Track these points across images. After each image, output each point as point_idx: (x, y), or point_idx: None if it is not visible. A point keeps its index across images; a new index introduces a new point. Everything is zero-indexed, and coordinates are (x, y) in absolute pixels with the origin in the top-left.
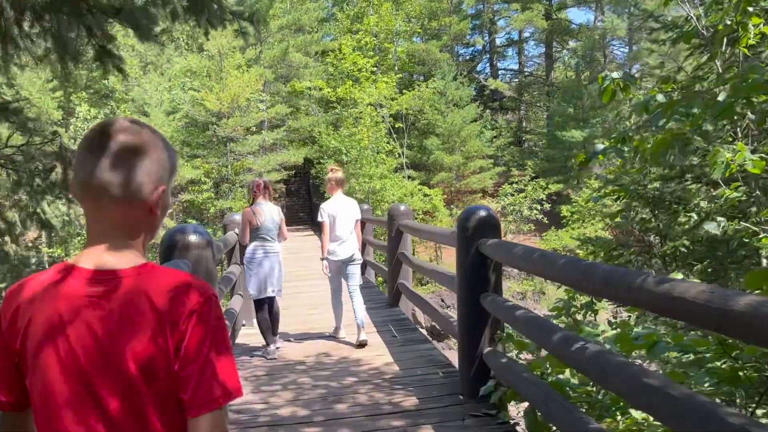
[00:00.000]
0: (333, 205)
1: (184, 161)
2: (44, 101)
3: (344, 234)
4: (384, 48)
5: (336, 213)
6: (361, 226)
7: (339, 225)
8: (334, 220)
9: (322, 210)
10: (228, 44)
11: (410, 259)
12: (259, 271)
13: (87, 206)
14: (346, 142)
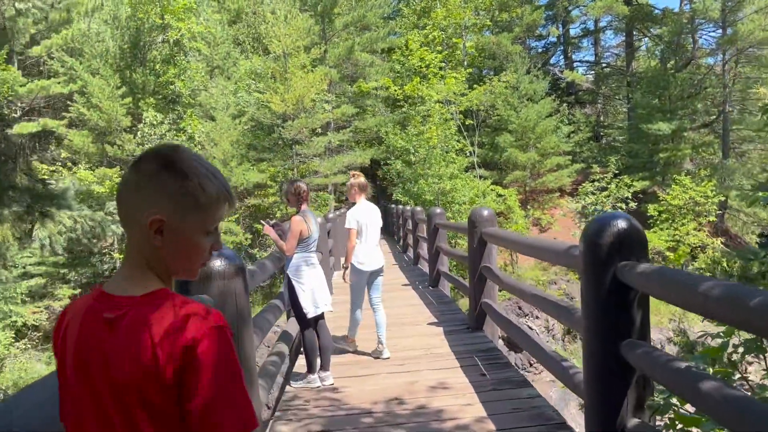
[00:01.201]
0: (362, 212)
1: (250, 165)
2: (113, 108)
3: (373, 243)
4: (452, 43)
5: (365, 220)
6: (434, 231)
7: (369, 233)
8: (364, 228)
9: (351, 217)
10: (292, 44)
11: (499, 276)
12: (309, 285)
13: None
14: (413, 141)
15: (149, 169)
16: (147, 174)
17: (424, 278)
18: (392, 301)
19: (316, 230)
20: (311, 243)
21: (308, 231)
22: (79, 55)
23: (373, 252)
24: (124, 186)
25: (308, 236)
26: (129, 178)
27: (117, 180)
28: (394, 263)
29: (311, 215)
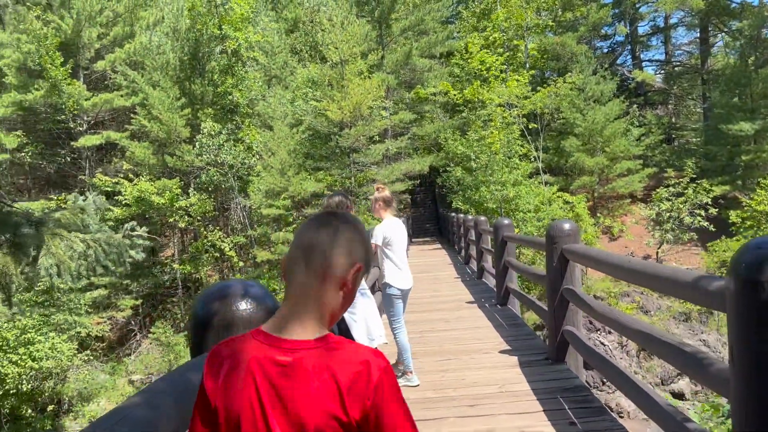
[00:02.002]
0: (390, 228)
1: (307, 174)
2: (173, 119)
3: (404, 260)
4: (513, 45)
5: (394, 237)
6: (502, 244)
7: (399, 250)
8: (393, 245)
9: (379, 231)
10: (349, 50)
11: (587, 302)
12: (362, 315)
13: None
14: (474, 147)
15: (347, 219)
16: (346, 224)
17: (491, 295)
18: (457, 321)
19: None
20: None
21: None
22: (140, 68)
23: (407, 269)
24: (325, 239)
25: None
26: (326, 232)
27: (176, 191)
28: (456, 276)
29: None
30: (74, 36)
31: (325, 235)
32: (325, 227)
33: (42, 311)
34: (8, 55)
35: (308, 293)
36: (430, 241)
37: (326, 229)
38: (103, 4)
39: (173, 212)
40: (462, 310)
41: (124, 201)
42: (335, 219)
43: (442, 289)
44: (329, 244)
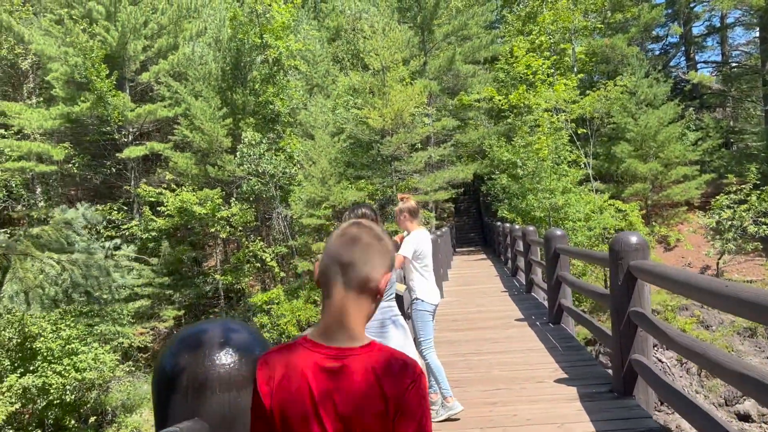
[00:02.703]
0: (421, 240)
1: (348, 183)
2: (214, 129)
3: (432, 273)
4: (560, 49)
5: (425, 249)
6: (554, 257)
7: (429, 263)
8: (424, 257)
9: (411, 243)
10: (390, 57)
11: (662, 329)
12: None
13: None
14: (521, 154)
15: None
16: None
17: (542, 311)
18: (506, 342)
19: (394, 275)
20: (389, 288)
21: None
22: (183, 78)
23: (435, 283)
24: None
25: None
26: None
27: (218, 201)
28: (503, 290)
29: None
30: (119, 48)
31: (360, 252)
32: (358, 244)
33: (86, 321)
34: (56, 68)
35: (348, 305)
36: (475, 251)
37: (360, 246)
38: (148, 17)
39: (215, 222)
40: (511, 329)
41: (166, 211)
42: (365, 233)
43: (489, 303)
44: (365, 261)
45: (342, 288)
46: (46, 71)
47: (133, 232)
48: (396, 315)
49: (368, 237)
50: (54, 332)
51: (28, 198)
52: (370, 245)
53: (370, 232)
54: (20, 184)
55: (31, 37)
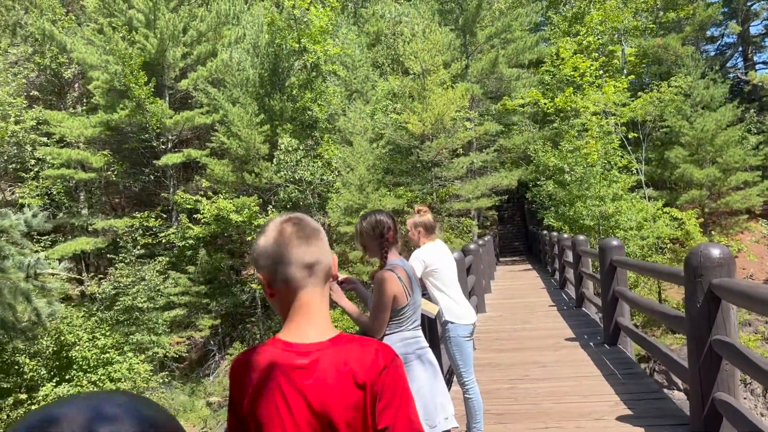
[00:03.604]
0: (430, 252)
1: (387, 190)
2: (252, 135)
3: (458, 289)
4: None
5: (438, 262)
6: (610, 270)
7: (449, 277)
8: (440, 272)
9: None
10: (431, 59)
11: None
12: (424, 388)
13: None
14: (569, 159)
15: (308, 222)
16: (312, 226)
17: (594, 330)
18: (556, 367)
19: (418, 292)
20: (412, 314)
21: (405, 295)
22: (222, 85)
23: (465, 300)
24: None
25: (405, 305)
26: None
27: (255, 208)
28: (551, 304)
29: (406, 267)
30: (158, 56)
31: (317, 248)
32: (313, 239)
33: (123, 330)
34: (97, 76)
35: (316, 300)
36: (519, 261)
37: (315, 241)
38: (187, 24)
39: (252, 230)
40: (561, 350)
41: (202, 219)
42: (308, 225)
43: (536, 320)
44: (324, 253)
45: (311, 287)
46: (89, 80)
47: (170, 239)
48: (422, 348)
49: (312, 228)
50: (90, 341)
51: (70, 206)
52: (319, 235)
53: (307, 223)
54: (62, 192)
55: (73, 45)
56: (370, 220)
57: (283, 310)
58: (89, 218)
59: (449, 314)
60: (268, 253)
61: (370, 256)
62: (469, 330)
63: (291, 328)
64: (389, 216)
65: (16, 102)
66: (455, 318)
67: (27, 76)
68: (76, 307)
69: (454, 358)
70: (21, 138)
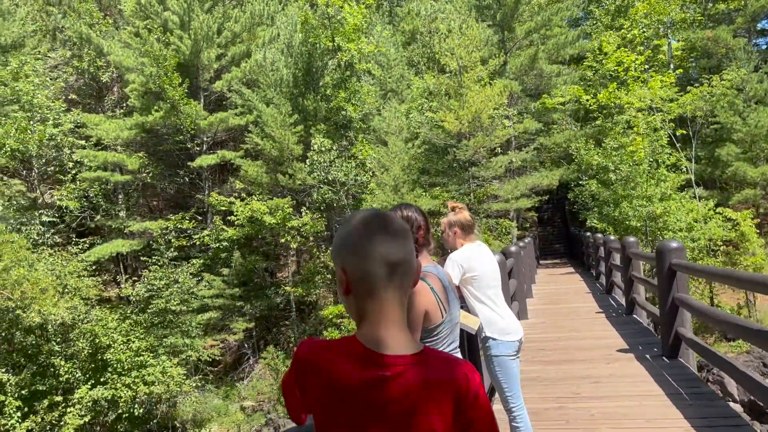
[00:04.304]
0: (470, 255)
1: (422, 191)
2: (285, 136)
3: (502, 299)
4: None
5: (479, 266)
6: (669, 276)
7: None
8: (482, 278)
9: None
10: (467, 56)
11: None
12: None
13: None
14: (613, 157)
15: (406, 230)
16: (400, 223)
17: (649, 340)
18: (610, 383)
19: (456, 306)
20: (448, 333)
21: (439, 311)
22: (255, 86)
23: (509, 312)
24: (407, 252)
25: (440, 322)
26: (404, 243)
27: (288, 210)
28: (598, 311)
29: (441, 275)
30: (193, 57)
31: (403, 246)
32: (401, 237)
33: (157, 332)
34: (133, 79)
35: (396, 304)
36: (560, 263)
37: (402, 240)
38: (221, 25)
39: (285, 232)
40: (614, 363)
41: (236, 221)
42: (400, 225)
43: (583, 327)
44: (411, 255)
45: (392, 289)
46: (126, 83)
47: (205, 242)
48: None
49: (400, 226)
50: (124, 344)
51: (107, 208)
52: (407, 234)
53: (394, 219)
54: (100, 194)
55: (110, 48)
56: (401, 214)
57: (359, 312)
58: (125, 220)
59: (491, 329)
60: (350, 244)
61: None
62: (515, 347)
63: (368, 332)
64: (419, 211)
65: (54, 105)
66: (498, 333)
67: (66, 80)
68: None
69: (498, 380)
70: (60, 141)
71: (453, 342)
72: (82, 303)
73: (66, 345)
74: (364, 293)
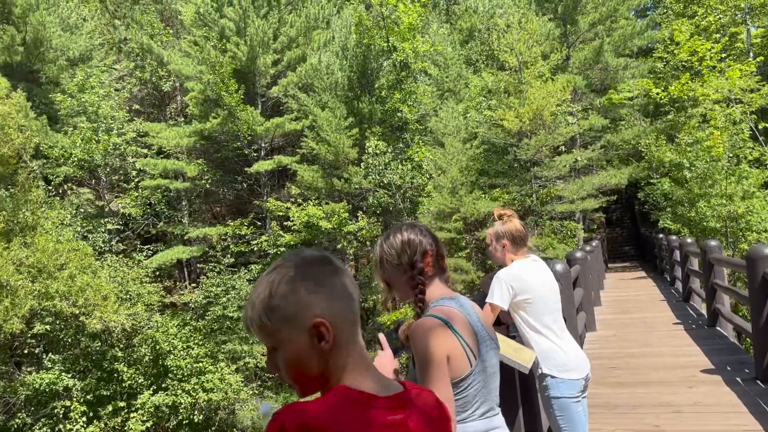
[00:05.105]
0: (521, 274)
1: (481, 193)
2: (340, 140)
3: (561, 325)
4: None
5: (533, 287)
6: (764, 285)
7: (548, 309)
8: (536, 301)
9: (503, 284)
10: (527, 51)
11: None
12: None
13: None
14: (688, 153)
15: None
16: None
17: (738, 359)
18: (696, 413)
19: (490, 350)
20: (480, 389)
21: (466, 357)
22: (311, 90)
23: (570, 340)
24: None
25: (467, 373)
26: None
27: (344, 215)
28: (675, 322)
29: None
30: (249, 63)
31: (353, 284)
32: (344, 274)
33: (216, 339)
34: (192, 87)
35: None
36: (630, 267)
37: (348, 276)
38: (277, 30)
39: (342, 237)
40: (699, 388)
41: (293, 227)
42: (337, 261)
43: (658, 341)
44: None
45: (359, 329)
46: (187, 92)
47: (263, 247)
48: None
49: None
50: (184, 350)
51: (170, 215)
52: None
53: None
54: (162, 201)
55: (170, 58)
56: (394, 241)
57: (339, 363)
58: (186, 227)
59: (549, 364)
60: (342, 290)
61: (400, 297)
62: (580, 386)
63: (358, 377)
64: (425, 232)
65: (118, 115)
66: (558, 370)
67: (130, 91)
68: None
69: (559, 427)
70: (123, 150)
71: (488, 401)
72: (144, 309)
73: (129, 351)
74: (348, 339)
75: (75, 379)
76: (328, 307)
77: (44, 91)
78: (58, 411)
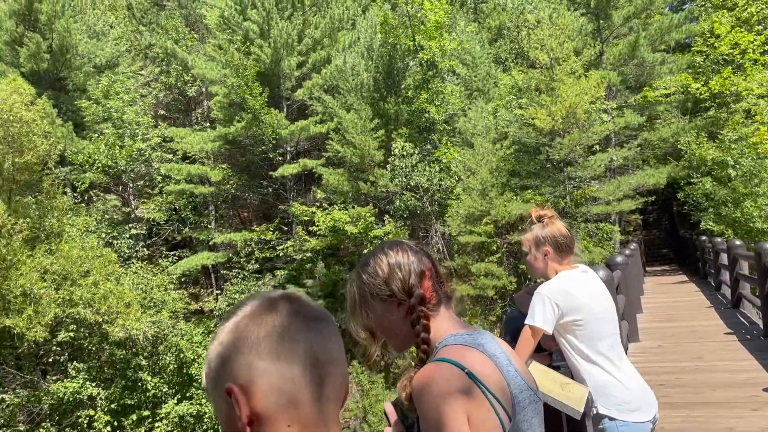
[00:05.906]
0: (569, 289)
1: (512, 194)
2: (366, 142)
3: (619, 352)
4: None
5: (584, 305)
6: None
7: (603, 331)
8: (588, 322)
9: (546, 301)
10: (559, 47)
11: None
12: None
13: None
14: (732, 150)
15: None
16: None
17: None
18: None
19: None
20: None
21: (498, 416)
22: (336, 92)
23: (632, 371)
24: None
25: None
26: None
27: (370, 219)
28: (726, 331)
29: (491, 349)
30: (273, 65)
31: (337, 343)
32: (326, 324)
33: None
34: (216, 91)
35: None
36: (670, 270)
37: (331, 329)
38: (301, 32)
39: (369, 242)
40: (765, 411)
41: (318, 231)
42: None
43: (709, 354)
44: (343, 357)
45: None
46: (211, 96)
47: (288, 252)
48: None
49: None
50: None
51: (196, 220)
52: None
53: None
54: (187, 207)
55: (194, 62)
56: (377, 267)
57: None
58: (212, 233)
59: (608, 402)
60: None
61: (394, 346)
62: (647, 431)
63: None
64: (418, 252)
65: (143, 121)
66: (619, 410)
67: (156, 96)
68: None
69: None
70: (148, 155)
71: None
72: (169, 316)
73: (154, 359)
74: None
75: (99, 387)
76: (262, 368)
77: (71, 98)
78: (83, 420)
